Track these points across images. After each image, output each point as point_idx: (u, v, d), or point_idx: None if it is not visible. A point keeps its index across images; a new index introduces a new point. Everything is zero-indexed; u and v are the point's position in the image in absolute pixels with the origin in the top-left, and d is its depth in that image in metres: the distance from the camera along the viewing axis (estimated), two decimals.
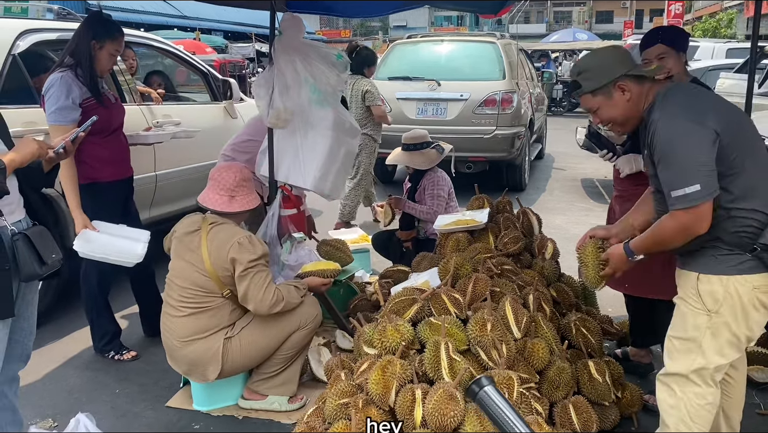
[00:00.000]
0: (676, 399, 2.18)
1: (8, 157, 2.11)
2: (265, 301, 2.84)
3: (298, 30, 3.77)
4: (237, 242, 2.84)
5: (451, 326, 2.68)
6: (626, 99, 2.20)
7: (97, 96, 3.35)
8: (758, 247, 2.04)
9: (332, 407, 2.50)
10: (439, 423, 2.26)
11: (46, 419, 3.04)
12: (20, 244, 2.18)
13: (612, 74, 2.19)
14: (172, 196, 4.93)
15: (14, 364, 2.41)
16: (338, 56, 3.80)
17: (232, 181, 2.96)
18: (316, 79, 3.75)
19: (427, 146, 4.49)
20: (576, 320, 3.05)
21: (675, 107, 2.08)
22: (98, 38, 3.31)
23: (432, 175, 4.48)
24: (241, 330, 2.95)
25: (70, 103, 3.21)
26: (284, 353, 3.04)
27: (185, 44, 13.83)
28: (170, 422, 3.04)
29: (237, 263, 2.83)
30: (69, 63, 3.31)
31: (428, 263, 3.62)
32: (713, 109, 2.09)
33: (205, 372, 2.94)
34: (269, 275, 2.91)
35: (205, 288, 2.90)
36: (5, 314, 2.16)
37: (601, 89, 2.22)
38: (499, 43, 7.98)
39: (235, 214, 2.99)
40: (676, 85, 2.23)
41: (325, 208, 6.87)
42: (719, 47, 12.35)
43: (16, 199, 2.25)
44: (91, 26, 3.35)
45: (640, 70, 2.22)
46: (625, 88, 2.19)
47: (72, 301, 4.31)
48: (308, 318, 3.07)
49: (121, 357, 3.62)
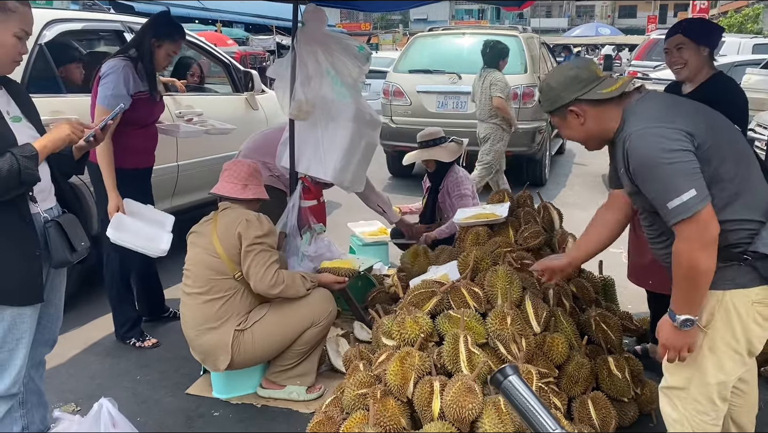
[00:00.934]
0: (678, 414, 2.11)
1: (40, 143, 2.14)
2: (265, 279, 2.88)
3: (320, 21, 3.78)
4: (245, 219, 2.93)
5: (470, 319, 2.68)
6: (580, 123, 2.11)
7: (152, 91, 3.52)
8: (750, 256, 1.91)
9: (350, 397, 2.52)
10: (457, 415, 2.27)
11: (69, 403, 3.10)
12: (52, 231, 2.22)
13: (562, 99, 2.10)
14: (193, 186, 4.97)
15: (41, 348, 2.46)
16: (360, 48, 3.80)
17: (245, 172, 3.08)
18: (338, 71, 3.76)
19: (445, 141, 4.49)
20: (596, 315, 3.03)
21: (645, 120, 1.96)
22: (158, 37, 3.47)
23: (454, 176, 4.45)
24: (254, 324, 2.97)
25: (125, 92, 3.33)
26: (298, 348, 3.06)
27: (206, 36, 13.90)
28: (190, 408, 3.07)
29: (243, 237, 2.90)
30: (132, 55, 3.46)
31: (447, 256, 3.62)
32: (684, 114, 1.97)
33: (216, 362, 2.99)
34: (273, 255, 2.96)
35: (217, 270, 2.95)
36: (35, 299, 2.20)
37: (554, 112, 2.16)
38: (522, 37, 7.92)
39: (247, 202, 3.06)
40: (646, 97, 2.08)
41: (346, 201, 6.88)
42: (745, 42, 12.17)
43: (48, 186, 2.29)
44: (154, 25, 3.52)
45: (594, 93, 2.06)
46: (578, 113, 2.09)
47: (95, 288, 4.37)
48: (322, 315, 3.07)
49: (142, 344, 3.67)
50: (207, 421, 2.98)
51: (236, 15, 25.76)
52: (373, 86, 12.16)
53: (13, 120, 2.18)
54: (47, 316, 2.40)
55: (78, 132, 2.23)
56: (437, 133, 4.55)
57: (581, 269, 3.53)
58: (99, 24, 4.78)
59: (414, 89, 7.81)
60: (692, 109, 2.04)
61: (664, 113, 1.97)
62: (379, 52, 18.90)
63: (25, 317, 2.18)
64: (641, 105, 2.04)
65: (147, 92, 3.49)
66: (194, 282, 3.00)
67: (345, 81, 3.79)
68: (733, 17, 23.92)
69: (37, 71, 3.91)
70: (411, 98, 7.85)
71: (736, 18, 23.68)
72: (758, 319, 1.98)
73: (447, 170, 4.48)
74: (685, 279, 1.92)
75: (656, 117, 1.96)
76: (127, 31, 4.74)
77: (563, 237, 3.54)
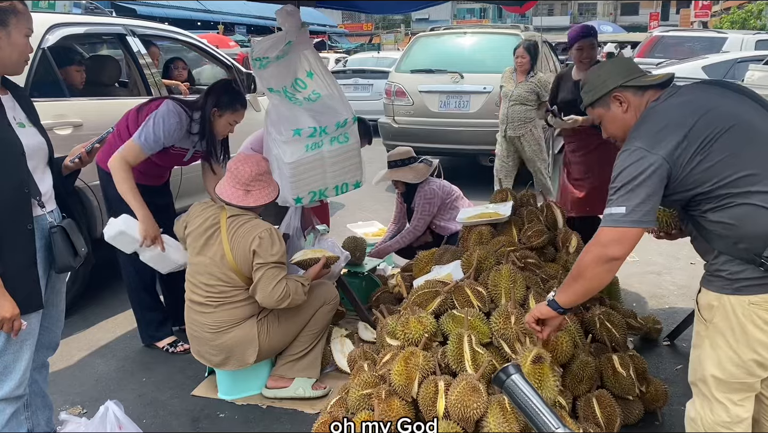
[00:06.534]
0: (695, 412, 2.11)
1: None
2: (273, 295, 2.88)
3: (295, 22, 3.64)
4: (258, 236, 2.87)
5: (474, 318, 2.68)
6: (623, 110, 2.15)
7: (209, 158, 3.50)
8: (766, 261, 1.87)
9: (355, 397, 2.53)
10: (461, 415, 2.27)
11: (75, 406, 3.11)
12: (57, 236, 2.24)
13: (607, 86, 2.15)
14: (197, 189, 4.98)
15: (43, 351, 2.47)
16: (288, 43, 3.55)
17: (248, 175, 2.96)
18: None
19: (414, 161, 4.40)
20: (600, 313, 3.03)
21: (637, 139, 1.98)
22: (220, 107, 3.36)
23: (422, 190, 4.33)
24: (272, 311, 3.00)
25: (162, 140, 3.26)
26: (312, 329, 3.13)
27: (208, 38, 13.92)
28: (195, 410, 3.08)
29: (256, 255, 2.87)
30: (191, 114, 3.36)
31: (451, 256, 3.62)
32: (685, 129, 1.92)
33: (243, 356, 3.00)
34: (282, 271, 2.93)
35: (231, 282, 2.94)
36: (35, 306, 2.21)
37: (598, 101, 2.19)
38: (523, 36, 7.92)
39: (252, 207, 3.01)
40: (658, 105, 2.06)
41: (348, 201, 6.89)
42: (748, 39, 12.10)
43: (50, 191, 2.31)
44: (215, 94, 3.38)
45: (639, 80, 2.14)
46: (622, 100, 2.14)
47: (99, 291, 4.39)
48: (331, 294, 3.23)
49: (175, 350, 3.64)
50: (212, 422, 2.99)
51: (238, 17, 25.83)
52: (375, 86, 12.19)
53: (18, 126, 2.20)
54: (49, 318, 2.41)
55: None
56: (406, 154, 4.45)
57: None
58: (101, 27, 4.80)
59: (416, 89, 7.81)
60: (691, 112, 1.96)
61: (654, 134, 1.96)
62: (381, 52, 18.87)
63: (28, 319, 2.20)
64: (650, 115, 2.05)
65: (184, 150, 3.44)
66: (207, 292, 2.97)
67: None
68: (736, 14, 23.85)
69: (41, 75, 3.93)
70: (413, 98, 7.84)
71: (739, 14, 23.61)
72: (758, 321, 1.92)
73: (416, 189, 4.37)
74: (575, 276, 2.11)
75: (647, 137, 1.97)
76: (129, 34, 4.76)
77: (566, 236, 3.54)
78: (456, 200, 4.37)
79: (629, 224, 1.93)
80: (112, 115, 3.58)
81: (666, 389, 2.93)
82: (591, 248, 2.04)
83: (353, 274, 4.20)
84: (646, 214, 1.93)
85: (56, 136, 3.75)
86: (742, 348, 1.96)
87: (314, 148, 3.49)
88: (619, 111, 2.15)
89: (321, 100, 3.55)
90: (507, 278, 2.87)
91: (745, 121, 1.94)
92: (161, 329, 3.70)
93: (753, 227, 1.88)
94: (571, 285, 2.14)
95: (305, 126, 3.42)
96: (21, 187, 2.14)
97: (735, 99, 2.03)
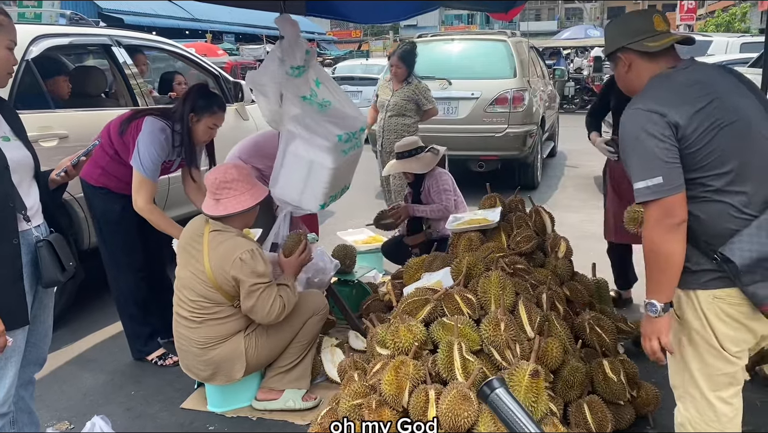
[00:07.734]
0: (682, 417, 2.11)
1: None
2: (271, 314, 2.86)
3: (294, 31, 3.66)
4: (239, 258, 2.78)
5: (464, 326, 2.67)
6: (624, 71, 2.13)
7: (189, 164, 3.49)
8: (717, 257, 1.89)
9: (346, 407, 2.51)
10: (452, 424, 2.26)
11: (62, 421, 3.07)
12: (43, 251, 2.21)
13: (613, 45, 2.13)
14: (185, 199, 4.95)
15: (30, 367, 2.43)
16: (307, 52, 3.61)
17: (212, 183, 2.86)
18: None
19: (421, 151, 4.46)
20: (590, 318, 3.03)
21: (644, 100, 1.97)
22: (197, 112, 3.33)
23: (433, 175, 4.45)
24: (260, 326, 2.98)
25: (159, 162, 3.32)
26: (300, 340, 3.09)
27: (197, 47, 13.91)
28: (185, 423, 3.05)
29: (241, 282, 2.81)
30: (170, 124, 3.34)
31: (441, 263, 3.61)
32: (691, 100, 1.92)
33: (231, 371, 2.97)
34: (273, 288, 2.88)
35: (214, 300, 2.90)
36: (21, 322, 2.18)
37: (609, 57, 2.19)
38: (510, 41, 7.95)
39: (230, 218, 2.88)
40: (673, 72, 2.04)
41: (338, 209, 6.87)
42: (733, 42, 12.20)
43: (37, 205, 2.28)
44: (191, 99, 3.34)
45: (641, 44, 2.05)
46: (624, 60, 2.11)
47: (87, 305, 4.35)
48: (320, 304, 3.19)
49: (164, 363, 3.60)
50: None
51: (226, 25, 25.81)
52: (364, 93, 12.21)
53: (3, 139, 2.17)
54: (36, 334, 2.37)
55: None
56: (414, 144, 4.51)
57: (574, 272, 3.53)
58: (86, 39, 4.77)
59: None
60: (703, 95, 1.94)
61: (664, 98, 1.94)
62: (369, 59, 18.92)
63: (13, 335, 2.16)
64: (659, 81, 2.02)
65: (171, 161, 3.46)
66: (191, 307, 2.92)
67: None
68: (721, 17, 24.09)
69: (25, 87, 3.90)
70: None
71: (724, 17, 23.85)
72: (722, 315, 1.95)
73: (425, 177, 4.47)
74: (648, 261, 1.96)
75: (655, 100, 1.95)
76: (114, 45, 4.73)
77: (555, 241, 3.54)
78: (458, 205, 4.44)
79: (672, 191, 1.88)
80: (99, 126, 3.55)
81: (657, 393, 2.93)
82: (652, 229, 1.91)
83: (343, 282, 4.19)
84: (678, 177, 1.89)
85: (42, 148, 3.72)
86: (713, 341, 1.99)
87: (347, 153, 3.57)
88: (622, 71, 2.14)
89: (332, 107, 3.61)
90: (496, 284, 2.86)
91: (745, 118, 1.95)
92: (149, 343, 3.66)
93: (719, 227, 1.90)
94: (656, 277, 1.95)
95: (342, 132, 3.49)
96: (5, 202, 2.10)
97: (741, 93, 2.03)
